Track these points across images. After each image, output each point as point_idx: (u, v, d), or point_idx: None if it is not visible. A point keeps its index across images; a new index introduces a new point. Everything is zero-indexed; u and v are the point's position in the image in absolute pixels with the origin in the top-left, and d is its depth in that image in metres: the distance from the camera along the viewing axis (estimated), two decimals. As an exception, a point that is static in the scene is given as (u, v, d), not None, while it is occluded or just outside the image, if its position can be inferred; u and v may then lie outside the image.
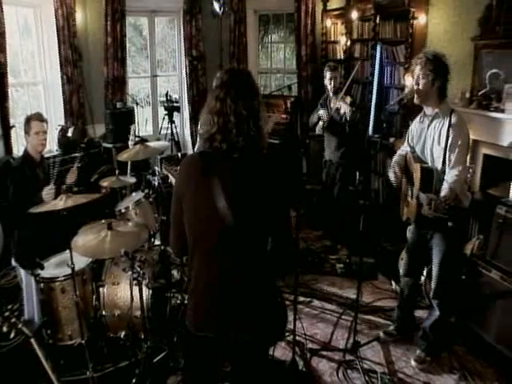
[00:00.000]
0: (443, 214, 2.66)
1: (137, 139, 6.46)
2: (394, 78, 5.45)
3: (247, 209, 1.83)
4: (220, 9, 6.41)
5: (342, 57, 6.18)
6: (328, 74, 4.80)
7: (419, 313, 3.76)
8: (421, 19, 4.98)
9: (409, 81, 4.96)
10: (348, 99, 4.68)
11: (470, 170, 3.61)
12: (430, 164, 3.01)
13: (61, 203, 3.03)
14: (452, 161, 2.81)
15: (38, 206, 3.11)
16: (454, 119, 2.83)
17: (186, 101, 7.29)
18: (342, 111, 4.67)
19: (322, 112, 4.86)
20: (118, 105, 6.49)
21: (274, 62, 7.84)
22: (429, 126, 3.01)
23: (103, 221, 3.10)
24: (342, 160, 4.91)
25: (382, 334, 3.61)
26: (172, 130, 6.74)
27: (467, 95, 4.64)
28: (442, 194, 2.72)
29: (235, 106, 1.80)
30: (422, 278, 3.73)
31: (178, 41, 7.38)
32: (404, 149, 3.31)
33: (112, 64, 6.53)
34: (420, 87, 2.90)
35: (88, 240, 2.98)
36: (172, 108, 6.73)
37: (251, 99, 1.85)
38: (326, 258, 4.80)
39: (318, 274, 4.60)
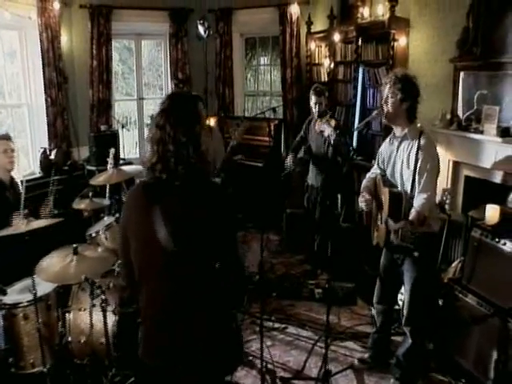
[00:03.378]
0: (410, 244, 2.60)
1: (121, 161, 6.50)
2: (377, 100, 5.36)
3: (189, 237, 1.80)
4: (205, 32, 6.44)
5: (326, 79, 6.15)
6: (313, 99, 4.72)
7: (398, 339, 3.61)
8: (401, 41, 4.96)
9: None
10: (333, 122, 4.62)
11: (446, 193, 3.53)
12: (399, 187, 2.94)
13: (22, 227, 2.98)
14: (421, 185, 2.74)
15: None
16: (422, 142, 2.76)
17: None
18: (325, 134, 4.61)
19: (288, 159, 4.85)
20: (103, 128, 6.50)
21: (261, 84, 7.85)
22: (398, 147, 2.94)
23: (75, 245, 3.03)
24: (324, 184, 4.82)
25: (356, 361, 3.49)
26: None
27: (447, 116, 4.60)
28: (410, 218, 2.66)
29: (174, 134, 1.77)
30: (401, 303, 3.62)
31: (164, 63, 7.40)
32: (374, 171, 3.24)
33: (97, 87, 6.57)
34: (388, 107, 2.85)
35: (53, 265, 2.92)
36: (157, 130, 6.68)
37: (192, 125, 1.81)
38: (304, 283, 4.67)
39: (296, 299, 4.47)
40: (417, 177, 2.75)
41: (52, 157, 5.97)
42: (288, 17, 6.49)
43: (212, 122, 6.56)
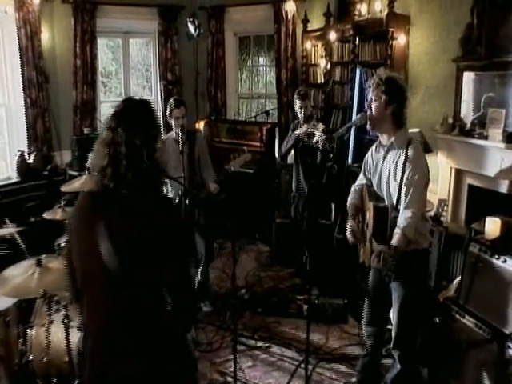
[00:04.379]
0: (389, 271, 2.46)
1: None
2: None
3: (134, 253, 1.73)
4: (195, 31, 6.31)
5: (323, 80, 6.00)
6: (298, 103, 4.64)
7: (390, 362, 3.41)
8: (400, 40, 4.82)
9: None
10: (320, 126, 4.51)
11: (442, 204, 3.37)
12: (386, 200, 2.79)
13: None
14: (407, 199, 2.59)
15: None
16: (410, 152, 2.62)
17: (162, 127, 7.09)
18: (314, 140, 4.48)
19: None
20: (86, 130, 6.37)
21: (256, 86, 7.71)
22: (384, 157, 2.79)
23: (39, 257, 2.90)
24: (311, 193, 4.67)
25: (342, 386, 3.30)
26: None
27: (449, 120, 4.45)
28: (393, 241, 2.53)
29: (127, 135, 1.74)
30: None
31: (153, 64, 7.27)
32: (359, 182, 3.09)
33: (81, 87, 6.43)
34: (372, 111, 2.70)
35: (13, 277, 2.78)
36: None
37: (146, 129, 1.80)
38: (293, 299, 4.50)
39: (282, 315, 4.30)
40: (403, 190, 2.61)
41: (30, 161, 5.84)
42: (283, 14, 6.34)
43: (200, 125, 6.46)
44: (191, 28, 6.30)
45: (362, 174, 3.07)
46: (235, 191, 5.98)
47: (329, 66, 5.85)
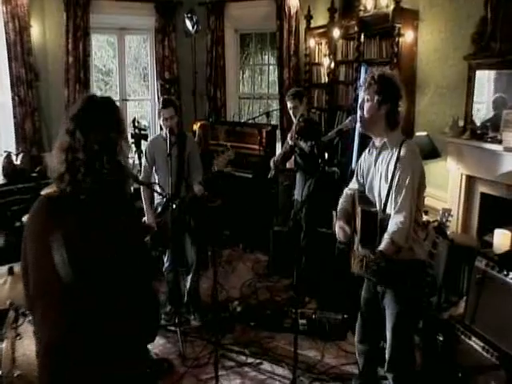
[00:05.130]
0: (372, 276, 2.42)
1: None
2: None
3: (90, 263, 1.66)
4: (193, 27, 6.14)
5: (326, 80, 5.82)
6: (288, 104, 4.64)
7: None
8: (408, 36, 4.61)
9: None
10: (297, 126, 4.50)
11: (446, 214, 3.16)
12: (377, 205, 2.63)
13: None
14: (397, 204, 2.45)
15: None
16: (403, 151, 2.49)
17: (159, 128, 6.95)
18: (301, 144, 4.49)
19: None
20: (78, 131, 6.18)
21: (260, 86, 7.55)
22: (376, 159, 2.66)
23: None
24: (309, 198, 4.59)
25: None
26: (139, 161, 6.38)
27: (460, 123, 4.23)
28: (381, 246, 2.40)
29: (85, 140, 1.69)
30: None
31: (150, 62, 7.14)
32: (352, 187, 2.95)
33: (74, 86, 6.29)
34: (365, 112, 2.59)
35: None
36: (139, 136, 6.40)
37: (107, 131, 1.73)
38: (288, 312, 4.32)
39: (277, 330, 4.13)
40: (393, 193, 2.48)
41: (18, 162, 5.71)
42: (286, 10, 6.19)
43: (196, 126, 6.31)
44: (189, 24, 6.13)
45: (354, 178, 2.96)
46: (232, 196, 5.87)
47: (333, 65, 5.67)
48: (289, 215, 4.98)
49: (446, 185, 4.41)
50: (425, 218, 4.21)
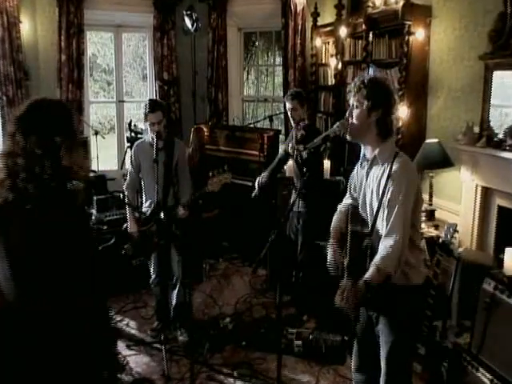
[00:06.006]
0: (350, 312, 2.27)
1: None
2: None
3: (36, 278, 1.64)
4: (193, 25, 5.99)
5: (333, 82, 5.61)
6: (287, 104, 4.47)
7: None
8: (419, 34, 4.38)
9: (403, 111, 4.40)
10: (300, 133, 4.34)
11: (451, 230, 2.92)
12: (370, 223, 2.44)
13: None
14: (388, 224, 2.27)
15: None
16: (395, 166, 2.30)
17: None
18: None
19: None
20: (69, 133, 6.06)
21: (265, 88, 7.39)
22: (368, 173, 2.49)
23: None
24: (305, 209, 4.42)
25: None
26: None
27: (475, 129, 4.00)
28: (366, 275, 2.24)
29: (25, 143, 1.67)
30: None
31: (148, 61, 7.02)
32: (346, 202, 2.77)
33: (66, 86, 6.21)
34: (354, 119, 2.43)
35: None
36: (135, 140, 6.26)
37: (51, 134, 1.72)
38: (284, 331, 4.13)
39: (270, 351, 3.94)
40: (384, 212, 2.29)
41: (4, 165, 5.58)
42: (292, 7, 6.01)
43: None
44: (188, 22, 5.99)
45: (348, 193, 2.77)
46: (231, 206, 5.68)
47: (340, 65, 5.47)
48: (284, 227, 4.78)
49: (459, 197, 4.21)
50: (434, 233, 4.00)
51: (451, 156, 4.13)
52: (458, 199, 4.22)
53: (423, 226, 4.01)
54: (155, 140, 3.79)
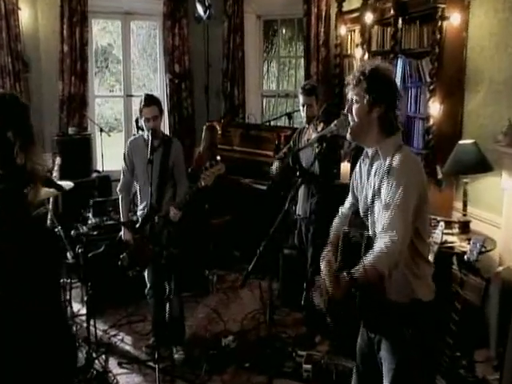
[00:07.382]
0: (325, 311, 2.24)
1: (94, 174, 5.97)
2: (420, 105, 4.54)
3: None
4: (205, 12, 5.81)
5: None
6: (301, 99, 4.25)
7: None
8: (454, 19, 4.09)
9: (434, 108, 4.11)
10: (320, 126, 4.06)
11: (478, 245, 2.61)
12: (370, 228, 2.32)
13: None
14: (385, 221, 2.14)
15: None
16: (396, 160, 2.20)
17: (167, 129, 6.63)
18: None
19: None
20: (71, 130, 6.02)
21: (289, 82, 7.15)
22: (369, 171, 2.39)
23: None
24: (314, 215, 4.21)
25: None
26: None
27: (519, 129, 3.70)
28: (353, 269, 2.10)
29: None
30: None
31: (159, 52, 6.87)
32: (348, 204, 2.63)
33: (69, 78, 6.09)
34: (354, 116, 2.31)
35: None
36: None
37: (1, 129, 1.70)
38: (293, 353, 3.99)
39: (275, 375, 3.69)
40: (381, 209, 2.19)
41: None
42: (315, -8, 5.78)
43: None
44: (200, 9, 5.83)
45: (350, 194, 2.63)
46: (244, 211, 5.45)
47: (366, 56, 5.19)
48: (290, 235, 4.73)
49: (500, 206, 3.91)
50: (467, 247, 3.67)
51: (490, 159, 3.84)
52: (498, 209, 3.92)
53: (454, 239, 3.71)
54: (150, 138, 3.66)
